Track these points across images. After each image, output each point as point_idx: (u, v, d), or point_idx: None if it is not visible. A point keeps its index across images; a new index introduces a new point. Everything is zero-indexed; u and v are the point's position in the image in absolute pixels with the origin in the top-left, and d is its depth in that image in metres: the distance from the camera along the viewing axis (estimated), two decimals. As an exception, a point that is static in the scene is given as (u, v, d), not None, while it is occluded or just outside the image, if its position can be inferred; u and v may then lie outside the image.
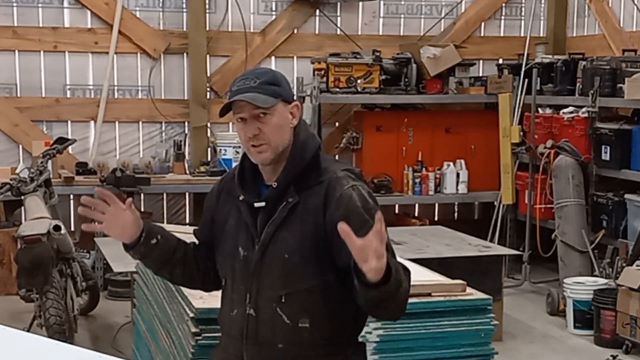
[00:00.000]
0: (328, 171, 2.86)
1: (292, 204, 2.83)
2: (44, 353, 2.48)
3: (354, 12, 9.40)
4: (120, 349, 6.34)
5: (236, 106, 2.85)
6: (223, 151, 8.68)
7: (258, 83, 2.83)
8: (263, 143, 2.83)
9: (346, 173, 2.86)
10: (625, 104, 7.67)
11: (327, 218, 2.77)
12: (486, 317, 3.87)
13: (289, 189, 2.84)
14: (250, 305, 2.85)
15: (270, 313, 2.83)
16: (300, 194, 2.84)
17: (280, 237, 2.82)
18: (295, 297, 2.81)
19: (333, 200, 2.78)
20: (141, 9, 8.88)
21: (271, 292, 2.82)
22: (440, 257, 6.20)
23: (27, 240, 5.83)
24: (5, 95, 8.63)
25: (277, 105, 2.84)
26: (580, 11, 9.55)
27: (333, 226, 2.62)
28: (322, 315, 2.83)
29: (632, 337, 6.41)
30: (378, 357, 3.80)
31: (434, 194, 8.91)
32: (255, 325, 2.85)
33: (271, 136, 2.82)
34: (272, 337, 2.83)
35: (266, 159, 2.85)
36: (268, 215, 2.85)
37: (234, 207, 2.95)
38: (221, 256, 2.99)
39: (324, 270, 2.81)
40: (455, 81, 8.91)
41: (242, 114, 2.84)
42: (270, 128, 2.82)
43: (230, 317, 2.93)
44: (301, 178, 2.85)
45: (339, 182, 2.82)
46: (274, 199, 2.85)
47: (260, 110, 2.81)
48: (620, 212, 7.64)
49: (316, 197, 2.82)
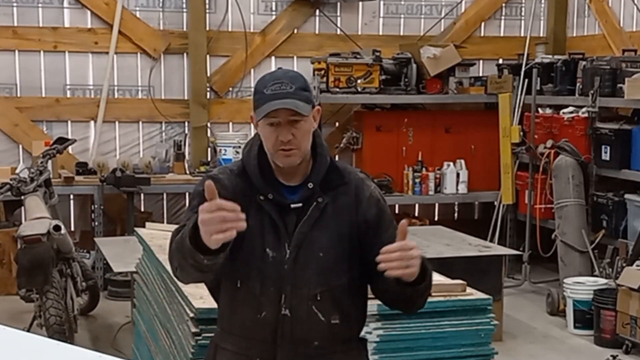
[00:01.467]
0: (349, 172, 2.98)
1: (323, 204, 2.88)
2: (44, 353, 2.48)
3: (354, 12, 9.41)
4: (120, 349, 6.34)
5: (272, 110, 2.81)
6: (223, 151, 8.68)
7: (294, 89, 2.82)
8: (294, 148, 2.84)
9: (364, 175, 3.03)
10: (625, 104, 7.67)
11: (361, 216, 2.90)
12: (486, 317, 3.87)
13: (316, 190, 2.89)
14: (285, 305, 2.85)
15: (306, 312, 2.86)
16: (327, 194, 2.90)
17: (314, 237, 2.86)
18: (328, 295, 2.87)
19: (364, 199, 2.92)
20: (141, 9, 8.88)
21: (306, 291, 2.85)
22: (440, 257, 6.20)
23: (27, 240, 5.83)
24: (5, 95, 8.63)
25: (309, 111, 2.87)
26: (580, 11, 9.55)
27: (367, 223, 2.89)
28: (350, 310, 2.92)
29: (632, 337, 6.41)
30: (378, 357, 3.80)
31: (434, 194, 8.91)
32: (291, 325, 2.85)
33: (302, 141, 2.85)
34: (308, 335, 2.87)
35: (294, 162, 2.87)
36: (298, 215, 2.87)
37: (251, 207, 2.86)
38: (239, 258, 2.86)
39: (352, 267, 2.91)
40: (455, 81, 8.91)
41: (277, 119, 2.81)
42: (303, 134, 2.85)
43: (256, 320, 2.87)
44: (325, 179, 2.91)
45: (364, 183, 2.97)
46: (305, 199, 2.89)
47: (297, 116, 2.82)
48: (620, 212, 7.64)
49: (346, 197, 2.91)
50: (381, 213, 2.93)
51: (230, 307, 2.94)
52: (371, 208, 2.92)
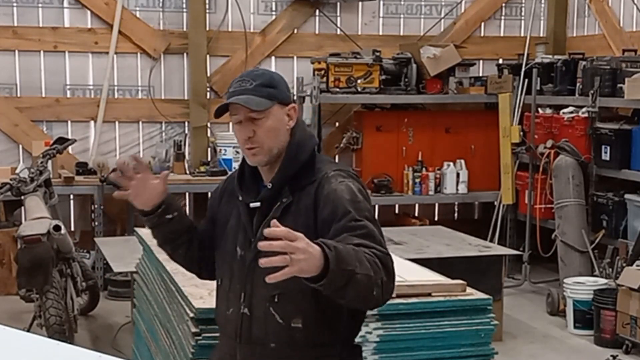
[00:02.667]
0: (321, 171, 2.86)
1: (285, 204, 2.84)
2: (44, 353, 2.48)
3: (354, 12, 9.40)
4: (120, 349, 6.34)
5: (232, 108, 2.85)
6: (223, 151, 8.68)
7: (254, 85, 2.83)
8: (256, 146, 2.84)
9: (338, 172, 2.86)
10: (625, 104, 7.67)
11: (319, 216, 2.78)
12: (486, 317, 3.87)
13: (283, 189, 2.86)
14: (245, 304, 2.87)
15: (263, 312, 2.84)
16: (295, 194, 2.85)
17: None
18: (288, 297, 2.80)
19: (322, 198, 2.79)
20: (141, 9, 8.88)
21: (264, 291, 2.80)
22: (440, 257, 6.20)
23: (27, 240, 5.83)
24: (5, 95, 8.63)
25: (272, 108, 2.84)
26: (580, 11, 9.55)
27: (323, 223, 2.72)
28: (315, 316, 2.82)
29: (632, 337, 6.41)
30: (378, 357, 3.80)
31: (434, 194, 8.91)
32: (249, 324, 2.87)
33: (265, 139, 2.83)
34: (265, 337, 2.85)
35: (260, 161, 2.87)
36: (263, 215, 2.87)
37: (235, 208, 2.97)
38: (220, 256, 3.01)
39: None
40: (455, 81, 8.91)
41: (237, 116, 2.85)
42: (264, 131, 2.83)
43: (226, 316, 2.95)
44: (296, 178, 2.86)
45: (329, 180, 2.82)
46: (269, 199, 2.87)
47: (254, 113, 2.82)
48: (620, 212, 7.64)
49: (307, 197, 2.82)
50: (335, 208, 2.72)
51: (216, 303, 3.06)
52: (326, 206, 2.75)
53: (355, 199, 2.76)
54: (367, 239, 2.66)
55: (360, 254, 2.57)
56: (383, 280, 2.63)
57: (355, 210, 2.72)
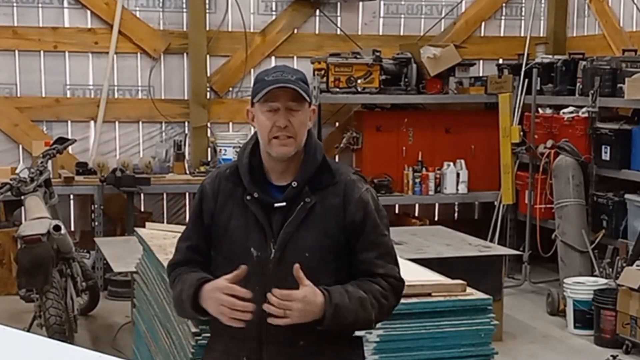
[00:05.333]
0: (340, 173, 2.95)
1: (310, 203, 2.87)
2: (44, 353, 2.48)
3: (354, 12, 9.41)
4: (120, 349, 6.34)
5: (271, 95, 2.84)
6: (223, 151, 8.68)
7: (295, 78, 2.86)
8: (290, 136, 2.85)
9: (357, 177, 2.99)
10: (625, 104, 7.67)
11: (348, 218, 2.89)
12: (486, 317, 3.87)
13: (304, 189, 2.88)
14: None
15: None
16: (316, 194, 2.88)
17: (300, 237, 2.85)
18: None
19: (353, 201, 2.90)
20: (141, 9, 8.88)
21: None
22: (440, 257, 6.20)
23: (27, 240, 5.83)
24: (5, 95, 8.63)
25: (306, 104, 2.89)
26: (580, 11, 9.55)
27: (353, 225, 2.88)
28: None
29: (632, 337, 6.41)
30: (378, 357, 3.80)
31: (434, 194, 8.91)
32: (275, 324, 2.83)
33: (298, 131, 2.87)
34: (293, 336, 2.85)
35: (288, 152, 2.87)
36: (284, 215, 2.87)
37: (236, 208, 2.93)
38: (225, 259, 2.94)
39: (340, 267, 2.90)
40: (455, 81, 8.91)
41: (275, 104, 2.84)
42: (299, 123, 2.87)
43: None
44: (315, 178, 2.90)
45: (355, 184, 2.94)
46: (291, 199, 2.88)
47: (294, 103, 2.84)
48: (620, 212, 7.64)
49: (334, 197, 2.89)
50: (366, 216, 2.90)
51: None
52: (359, 210, 2.89)
53: (381, 211, 2.97)
54: (385, 258, 2.92)
55: (366, 301, 2.83)
56: (389, 307, 2.93)
57: (383, 225, 2.96)
